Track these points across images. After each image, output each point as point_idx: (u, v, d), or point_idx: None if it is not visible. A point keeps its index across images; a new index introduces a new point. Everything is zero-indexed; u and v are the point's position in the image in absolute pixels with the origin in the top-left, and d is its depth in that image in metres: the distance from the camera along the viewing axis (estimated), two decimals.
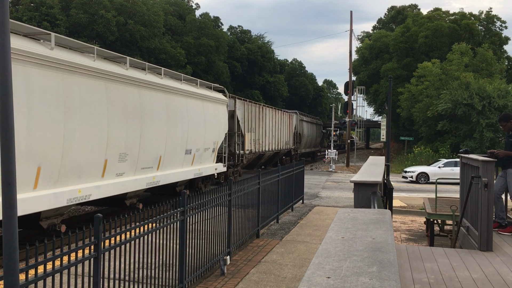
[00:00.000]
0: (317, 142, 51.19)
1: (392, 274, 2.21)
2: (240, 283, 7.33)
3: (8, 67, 3.05)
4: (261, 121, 27.12)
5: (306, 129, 42.73)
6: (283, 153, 33.41)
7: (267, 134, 28.43)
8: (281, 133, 32.15)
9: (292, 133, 35.76)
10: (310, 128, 45.52)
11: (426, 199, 13.47)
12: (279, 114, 31.74)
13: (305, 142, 42.57)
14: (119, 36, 46.86)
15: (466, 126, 37.32)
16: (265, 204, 11.30)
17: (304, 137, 41.37)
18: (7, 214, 3.01)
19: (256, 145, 26.02)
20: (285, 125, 33.12)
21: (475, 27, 52.44)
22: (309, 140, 45.22)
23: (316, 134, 49.80)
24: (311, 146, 46.90)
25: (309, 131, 44.86)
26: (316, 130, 49.18)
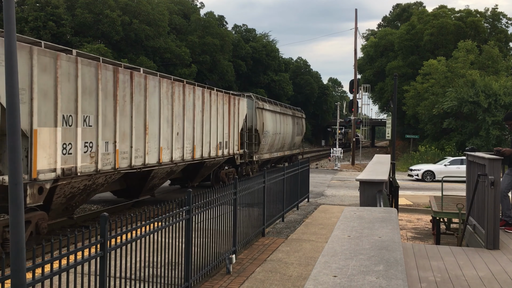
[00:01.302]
0: (296, 143, 34.56)
1: (399, 273, 2.20)
2: (246, 281, 7.33)
3: (15, 67, 3.06)
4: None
5: (271, 124, 26.59)
6: (212, 165, 18.15)
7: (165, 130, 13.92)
8: (209, 129, 17.16)
9: (237, 128, 20.49)
10: (282, 122, 29.25)
11: (432, 197, 13.43)
12: (205, 95, 16.77)
13: (270, 143, 26.65)
14: (124, 35, 46.97)
15: (472, 124, 37.14)
16: (270, 202, 11.29)
17: (267, 135, 25.57)
18: (14, 213, 3.02)
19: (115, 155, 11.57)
20: (220, 115, 18.30)
21: (481, 24, 52.16)
22: (280, 140, 29.08)
23: (294, 131, 32.96)
24: (283, 149, 30.52)
25: (279, 126, 28.55)
26: (293, 126, 32.64)
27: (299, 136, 35.20)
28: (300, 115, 36.00)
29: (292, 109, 33.76)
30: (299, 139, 35.61)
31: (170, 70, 51.56)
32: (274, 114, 27.68)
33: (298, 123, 34.98)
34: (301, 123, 36.28)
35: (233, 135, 19.81)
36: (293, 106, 35.48)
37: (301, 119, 36.15)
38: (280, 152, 29.86)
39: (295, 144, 34.32)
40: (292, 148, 33.33)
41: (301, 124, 36.12)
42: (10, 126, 3.03)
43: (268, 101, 27.81)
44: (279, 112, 29.00)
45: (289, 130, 31.53)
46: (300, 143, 36.34)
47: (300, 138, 35.89)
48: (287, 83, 77.12)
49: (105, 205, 15.04)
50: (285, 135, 30.35)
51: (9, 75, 3.04)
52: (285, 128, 30.36)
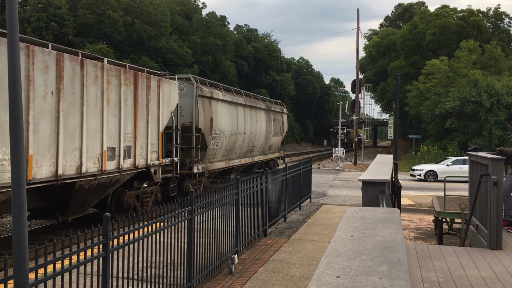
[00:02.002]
0: (274, 145, 26.12)
1: (402, 273, 2.20)
2: (248, 282, 7.33)
3: (17, 69, 3.07)
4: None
5: (228, 120, 18.74)
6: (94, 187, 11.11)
7: None
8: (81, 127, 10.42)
9: (157, 126, 13.68)
10: (248, 118, 21.34)
11: (435, 197, 13.40)
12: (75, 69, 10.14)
13: (226, 147, 18.95)
14: (126, 36, 47.04)
15: (475, 123, 37.08)
16: (272, 202, 11.29)
17: (220, 136, 17.91)
18: (16, 214, 3.03)
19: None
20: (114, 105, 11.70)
21: (483, 24, 52.09)
22: (246, 142, 21.16)
23: (269, 129, 24.50)
24: (252, 154, 22.51)
25: (243, 124, 20.62)
26: (268, 123, 24.31)
27: (277, 136, 26.09)
28: (280, 110, 27.10)
29: (266, 101, 25.48)
30: (277, 140, 26.44)
31: (172, 70, 51.57)
32: (234, 106, 19.38)
33: (277, 120, 26.04)
34: (281, 119, 27.11)
35: (147, 137, 12.73)
36: (269, 98, 27.43)
37: (280, 115, 27.03)
38: (247, 158, 21.54)
39: (272, 146, 25.74)
40: (267, 152, 25.04)
41: (280, 121, 26.82)
42: (13, 128, 3.04)
43: (225, 88, 19.91)
44: (243, 105, 20.61)
45: (262, 129, 23.04)
46: (279, 145, 27.37)
47: (279, 138, 26.74)
48: (289, 83, 77.14)
49: None
50: (255, 135, 21.92)
51: (12, 76, 3.05)
52: (255, 126, 21.92)
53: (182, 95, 15.76)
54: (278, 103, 28.09)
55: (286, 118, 28.91)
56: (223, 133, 18.05)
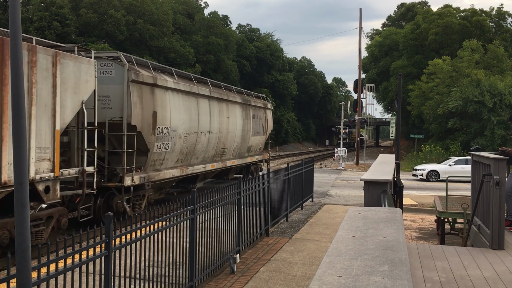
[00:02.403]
0: (254, 146, 21.92)
1: (404, 273, 2.20)
2: (250, 281, 7.33)
3: (20, 68, 3.08)
4: None
5: (183, 115, 14.25)
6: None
7: None
8: None
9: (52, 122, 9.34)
10: (216, 113, 16.90)
11: (437, 197, 13.39)
12: None
13: (182, 150, 14.43)
14: (128, 35, 47.09)
15: (477, 123, 37.01)
16: (274, 202, 11.29)
17: (170, 136, 13.51)
18: (19, 213, 3.04)
19: None
20: None
21: (486, 24, 51.99)
22: (212, 143, 16.66)
23: (247, 128, 20.44)
24: (223, 157, 18.15)
25: (208, 120, 16.15)
26: (245, 120, 20.22)
27: (259, 135, 21.97)
28: (262, 105, 22.80)
29: (244, 94, 20.89)
30: (259, 140, 22.23)
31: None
32: (194, 98, 14.91)
33: (258, 117, 21.85)
34: (264, 116, 22.88)
35: (29, 138, 8.69)
36: (249, 91, 22.46)
37: (263, 111, 22.82)
38: (216, 163, 16.83)
39: (252, 148, 21.43)
40: (246, 155, 20.60)
41: (263, 118, 22.70)
42: (15, 127, 3.05)
43: (180, 75, 15.35)
44: (208, 97, 15.97)
45: (236, 127, 18.60)
46: (262, 146, 23.13)
47: (262, 138, 22.64)
48: (291, 83, 77.12)
49: None
50: (226, 134, 17.47)
51: (14, 76, 3.05)
52: (226, 123, 17.40)
53: (110, 80, 11.67)
54: (261, 97, 24.05)
55: (270, 115, 24.67)
56: (175, 132, 13.49)
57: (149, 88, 12.38)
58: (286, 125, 75.25)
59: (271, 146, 72.74)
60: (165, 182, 14.05)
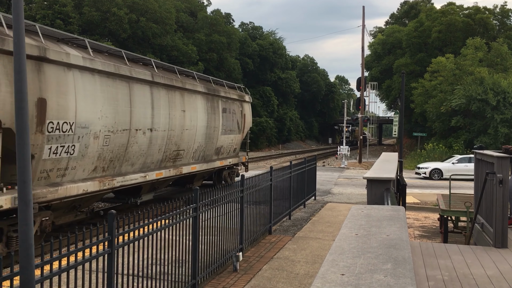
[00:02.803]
0: (226, 147, 18.17)
1: (407, 271, 2.19)
2: (253, 279, 7.34)
3: (23, 65, 3.08)
4: None
5: (99, 105, 10.19)
6: None
7: None
8: None
9: None
10: (164, 102, 13.02)
11: (440, 196, 13.37)
12: None
13: (105, 154, 10.59)
14: (131, 33, 47.13)
15: (480, 121, 36.91)
16: (277, 200, 11.30)
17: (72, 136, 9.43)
18: (22, 211, 3.04)
19: None
20: None
21: (490, 22, 51.78)
22: (155, 145, 12.70)
23: (215, 125, 16.64)
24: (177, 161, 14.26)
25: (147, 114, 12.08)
26: (211, 115, 16.29)
27: (232, 134, 18.22)
28: (237, 96, 18.86)
29: (211, 81, 16.91)
30: (233, 140, 18.47)
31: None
32: (125, 83, 11.34)
33: (231, 111, 18.03)
34: (239, 110, 19.06)
35: None
36: (217, 79, 18.21)
37: (238, 104, 18.96)
38: (165, 170, 13.35)
39: (223, 149, 17.70)
40: (214, 158, 17.01)
41: (238, 113, 18.90)
42: (19, 126, 3.05)
43: (97, 48, 11.47)
44: (150, 82, 12.39)
45: (197, 123, 14.91)
46: (237, 146, 19.38)
47: (236, 137, 18.83)
48: (294, 81, 77.07)
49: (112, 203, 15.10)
50: (180, 132, 13.90)
51: (18, 74, 3.06)
52: (180, 118, 13.86)
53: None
54: (236, 87, 19.68)
55: (249, 109, 20.47)
56: (85, 130, 9.84)
57: (31, 64, 8.39)
58: (288, 123, 75.23)
59: (274, 144, 73.02)
60: (83, 199, 10.17)
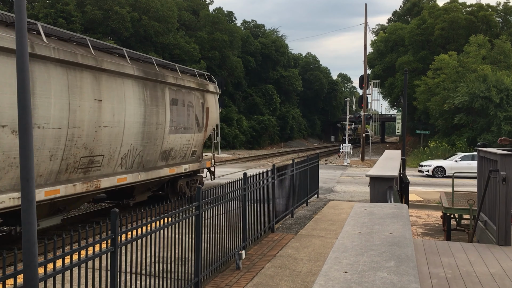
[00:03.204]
0: (182, 149, 14.74)
1: (410, 269, 2.19)
2: (255, 277, 7.34)
3: (26, 63, 3.08)
4: None
5: None
6: None
7: None
8: None
9: None
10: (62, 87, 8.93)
11: (443, 193, 13.34)
12: None
13: None
14: (133, 32, 47.15)
15: (484, 119, 36.81)
16: (280, 198, 11.29)
17: None
18: (26, 208, 3.05)
19: None
20: None
21: (493, 19, 51.60)
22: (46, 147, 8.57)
23: (158, 119, 12.97)
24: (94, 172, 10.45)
25: None
26: (150, 105, 12.53)
27: (188, 132, 14.93)
28: (196, 85, 15.41)
29: (152, 63, 13.61)
30: (189, 140, 15.19)
31: None
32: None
33: (184, 103, 14.72)
34: (198, 102, 15.60)
35: None
36: (167, 61, 15.03)
37: (197, 94, 15.57)
38: (65, 186, 9.05)
39: (174, 153, 14.41)
40: (159, 165, 13.70)
41: (197, 105, 15.50)
42: (22, 124, 3.06)
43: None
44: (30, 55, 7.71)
45: (124, 118, 11.36)
46: (197, 149, 15.94)
47: (196, 137, 15.52)
48: (297, 79, 77.00)
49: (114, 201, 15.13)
50: (93, 131, 10.21)
51: (20, 72, 3.06)
52: (92, 110, 10.12)
53: None
54: (196, 73, 16.13)
55: (215, 101, 16.86)
56: None
57: None
58: (291, 121, 75.21)
59: (276, 142, 72.95)
60: None
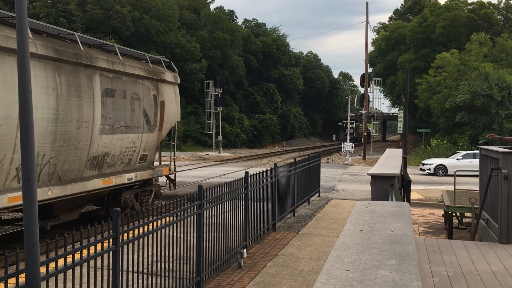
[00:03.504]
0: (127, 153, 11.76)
1: (412, 267, 2.19)
2: (257, 276, 7.35)
3: (27, 63, 3.08)
4: None
5: None
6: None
7: None
8: None
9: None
10: None
11: (445, 192, 13.33)
12: None
13: None
14: (134, 31, 47.16)
15: (485, 117, 36.75)
16: (281, 197, 11.29)
17: None
18: (28, 208, 3.05)
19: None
20: None
21: (494, 17, 51.51)
22: None
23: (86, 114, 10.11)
24: None
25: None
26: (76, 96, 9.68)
27: (134, 132, 12.06)
28: (144, 72, 12.47)
29: (75, 41, 10.60)
30: (136, 142, 12.28)
31: (180, 65, 51.62)
32: None
33: (128, 95, 11.72)
34: (149, 95, 12.75)
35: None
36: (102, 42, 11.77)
37: (147, 84, 12.67)
38: None
39: (113, 158, 11.47)
40: (87, 175, 10.63)
41: (146, 98, 12.56)
42: (23, 123, 3.06)
43: None
44: None
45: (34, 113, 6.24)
46: (151, 152, 13.27)
47: (147, 138, 12.76)
48: (298, 78, 76.97)
49: None
50: None
51: (21, 72, 3.06)
52: None
53: None
54: (147, 58, 13.11)
55: (173, 94, 13.96)
56: None
57: None
58: (292, 120, 75.18)
59: (277, 141, 72.93)
60: None
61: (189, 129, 51.97)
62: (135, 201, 12.73)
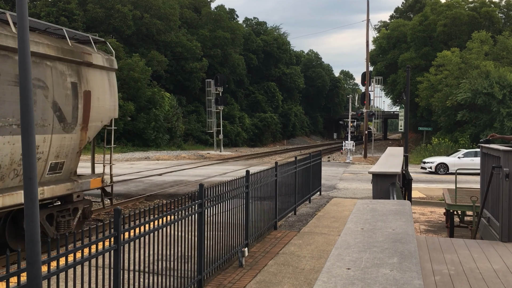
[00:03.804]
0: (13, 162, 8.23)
1: (413, 266, 2.18)
2: (258, 274, 7.35)
3: (28, 62, 3.08)
4: None
5: None
6: None
7: None
8: None
9: None
10: None
11: (446, 190, 13.32)
12: None
13: None
14: (135, 30, 47.17)
15: (486, 115, 36.72)
16: (282, 196, 11.29)
17: None
18: (29, 207, 3.06)
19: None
20: None
21: (495, 15, 51.43)
22: None
23: None
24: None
25: None
26: None
27: (45, 132, 9.02)
28: (54, 51, 9.16)
29: None
30: (54, 144, 9.29)
31: (181, 64, 51.66)
32: None
33: (39, 84, 8.81)
34: (65, 82, 9.46)
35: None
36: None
37: (61, 67, 9.39)
38: None
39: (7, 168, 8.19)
40: None
41: (62, 88, 9.41)
42: (24, 122, 3.06)
43: None
44: None
45: None
46: (70, 158, 9.89)
47: (67, 139, 9.61)
48: (299, 76, 76.93)
49: None
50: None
51: (22, 70, 3.06)
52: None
53: None
54: (64, 34, 9.99)
55: (108, 83, 11.17)
56: None
57: None
58: (293, 118, 75.15)
59: (279, 140, 72.93)
60: None
61: (190, 128, 51.99)
62: (47, 225, 9.52)
